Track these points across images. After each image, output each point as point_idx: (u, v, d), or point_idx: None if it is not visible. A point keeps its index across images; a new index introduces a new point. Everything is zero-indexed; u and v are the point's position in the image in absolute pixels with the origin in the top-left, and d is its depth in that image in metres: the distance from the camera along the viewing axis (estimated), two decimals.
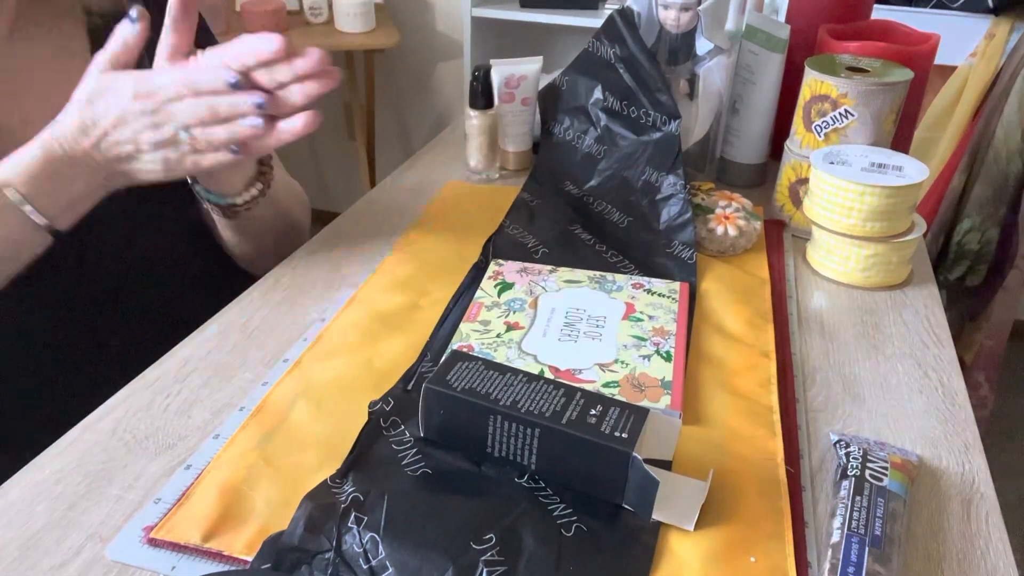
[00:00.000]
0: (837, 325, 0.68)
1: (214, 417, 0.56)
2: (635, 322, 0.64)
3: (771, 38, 0.84)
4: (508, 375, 0.50)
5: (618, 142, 0.87)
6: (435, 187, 0.92)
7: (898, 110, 0.76)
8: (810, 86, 0.77)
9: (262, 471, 0.50)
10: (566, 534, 0.44)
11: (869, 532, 0.44)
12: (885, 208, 0.70)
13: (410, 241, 0.79)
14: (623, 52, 0.85)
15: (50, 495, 0.49)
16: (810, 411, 0.57)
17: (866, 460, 0.49)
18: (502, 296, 0.67)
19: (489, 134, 0.89)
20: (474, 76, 0.86)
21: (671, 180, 0.80)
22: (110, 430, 0.54)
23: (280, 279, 0.73)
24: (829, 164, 0.72)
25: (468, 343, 0.61)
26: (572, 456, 0.46)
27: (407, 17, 2.31)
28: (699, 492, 0.47)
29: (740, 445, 0.53)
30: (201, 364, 0.61)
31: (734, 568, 0.43)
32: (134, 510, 0.48)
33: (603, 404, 0.48)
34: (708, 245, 0.77)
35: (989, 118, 1.59)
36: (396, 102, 2.49)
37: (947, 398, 0.59)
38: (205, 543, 0.45)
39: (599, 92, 0.88)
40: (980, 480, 0.51)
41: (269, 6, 1.91)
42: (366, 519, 0.44)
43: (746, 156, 0.91)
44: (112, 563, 0.44)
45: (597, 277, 0.70)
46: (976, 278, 1.66)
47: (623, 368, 0.58)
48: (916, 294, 0.73)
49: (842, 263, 0.74)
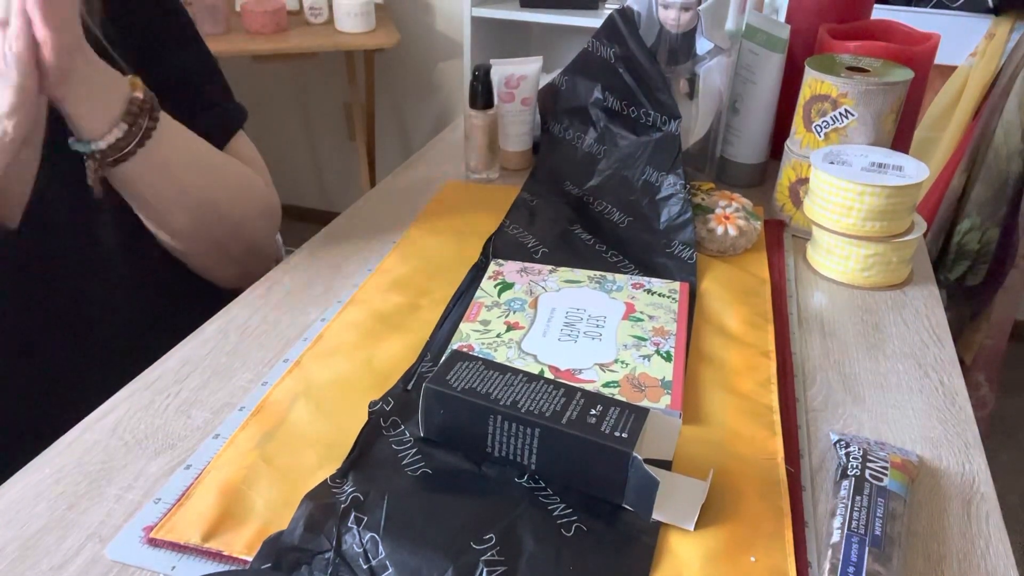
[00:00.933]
0: (837, 325, 0.68)
1: (214, 417, 0.56)
2: (635, 322, 0.64)
3: (771, 38, 0.84)
4: (508, 375, 0.50)
5: (618, 142, 0.87)
6: (435, 187, 0.92)
7: (898, 110, 0.76)
8: (810, 86, 0.77)
9: (262, 471, 0.50)
10: (566, 534, 0.44)
11: (869, 532, 0.44)
12: (885, 208, 0.70)
13: (410, 241, 0.79)
14: (623, 52, 0.85)
15: (50, 495, 0.49)
16: (810, 411, 0.57)
17: (866, 460, 0.49)
18: (502, 296, 0.67)
19: (489, 134, 0.89)
20: (474, 76, 0.86)
21: (671, 180, 0.80)
22: (110, 430, 0.54)
23: (280, 279, 0.73)
24: (829, 164, 0.72)
25: (468, 343, 0.61)
26: (572, 456, 0.46)
27: (407, 17, 2.31)
28: (699, 492, 0.47)
29: (740, 445, 0.53)
30: (201, 364, 0.61)
31: (734, 568, 0.43)
32: (134, 510, 0.48)
33: (603, 404, 0.48)
34: (708, 245, 0.77)
35: (989, 118, 1.59)
36: (396, 102, 2.49)
37: (947, 398, 0.59)
38: (205, 543, 0.45)
39: (599, 92, 0.88)
40: (980, 480, 0.51)
41: (269, 6, 1.91)
42: (366, 519, 0.44)
43: (746, 156, 0.91)
44: (112, 563, 0.44)
45: (597, 277, 0.70)
46: (976, 278, 1.66)
47: (623, 368, 0.58)
48: (916, 294, 0.73)
49: (842, 263, 0.74)
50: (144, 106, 0.63)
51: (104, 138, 0.61)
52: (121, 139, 0.62)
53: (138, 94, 0.62)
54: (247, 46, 1.88)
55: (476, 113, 0.87)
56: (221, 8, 1.89)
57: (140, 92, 0.62)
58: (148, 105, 0.63)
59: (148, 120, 0.63)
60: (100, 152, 0.62)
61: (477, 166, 0.92)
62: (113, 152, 0.62)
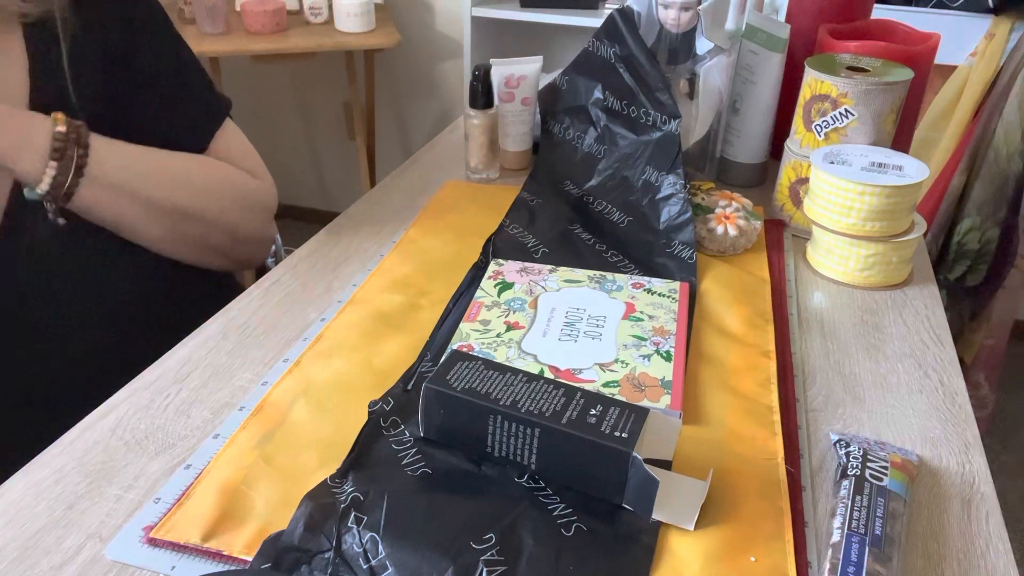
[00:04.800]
0: (837, 325, 0.68)
1: (214, 417, 0.55)
2: (635, 322, 0.64)
3: (771, 38, 0.84)
4: (508, 375, 0.50)
5: (618, 142, 0.87)
6: (435, 187, 0.92)
7: (898, 110, 0.76)
8: (810, 86, 0.77)
9: (262, 471, 0.50)
10: (566, 534, 0.44)
11: (869, 532, 0.44)
12: (885, 208, 0.70)
13: (410, 241, 0.79)
14: (623, 52, 0.85)
15: (50, 495, 0.49)
16: (810, 411, 0.57)
17: (866, 460, 0.49)
18: (502, 296, 0.67)
19: (489, 134, 0.89)
20: (474, 76, 0.86)
21: (671, 180, 0.80)
22: (110, 430, 0.54)
23: (280, 279, 0.73)
24: (829, 164, 0.72)
25: (468, 343, 0.61)
26: (572, 456, 0.46)
27: (407, 17, 2.31)
28: (699, 492, 0.47)
29: (740, 445, 0.53)
30: (201, 364, 0.61)
31: (734, 568, 0.43)
32: (134, 510, 0.48)
33: (603, 404, 0.48)
34: (708, 245, 0.77)
35: (989, 118, 1.59)
36: (396, 102, 2.49)
37: (947, 398, 0.59)
38: (205, 543, 0.45)
39: (599, 92, 0.88)
40: (980, 480, 0.51)
41: (269, 6, 1.91)
42: (366, 519, 0.44)
43: (746, 156, 0.91)
44: (112, 563, 0.44)
45: (597, 277, 0.70)
46: (976, 278, 1.66)
47: (623, 368, 0.58)
48: (916, 294, 0.73)
49: (842, 263, 0.74)
50: (69, 136, 0.62)
51: (43, 179, 0.62)
52: (57, 176, 0.62)
53: (60, 128, 0.62)
54: (247, 46, 1.88)
55: (476, 113, 0.87)
56: (221, 8, 1.89)
57: (63, 125, 0.62)
58: (74, 135, 0.62)
59: (77, 149, 0.63)
60: (47, 193, 0.62)
61: (477, 166, 0.92)
62: (56, 190, 0.63)
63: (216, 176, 0.74)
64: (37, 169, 0.62)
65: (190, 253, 0.75)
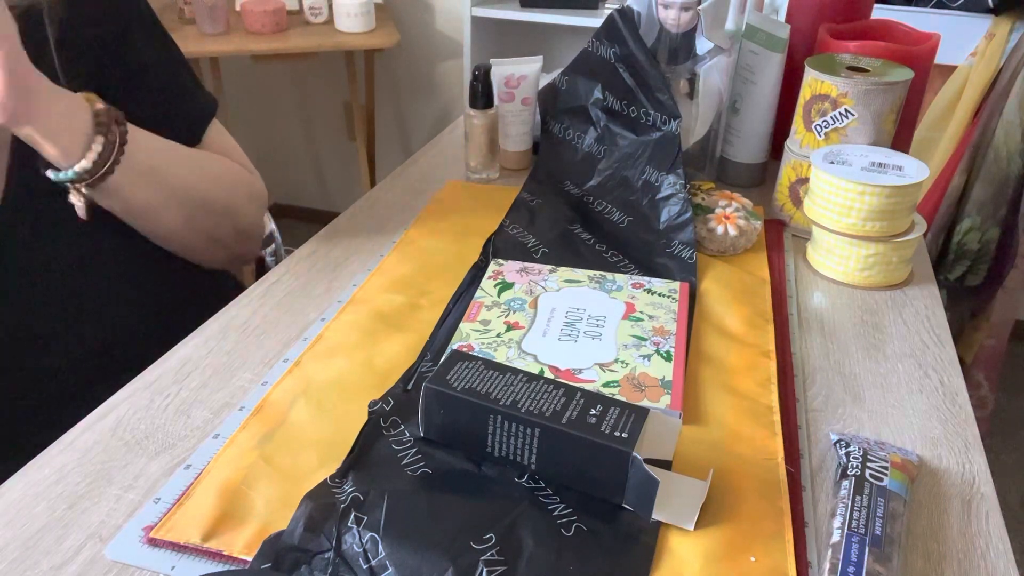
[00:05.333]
0: (837, 325, 0.68)
1: (214, 417, 0.55)
2: (635, 322, 0.64)
3: (771, 38, 0.84)
4: (508, 375, 0.50)
5: (618, 142, 0.87)
6: (435, 187, 0.92)
7: (898, 110, 0.76)
8: (810, 86, 0.77)
9: (262, 471, 0.50)
10: (566, 534, 0.44)
11: (869, 532, 0.44)
12: (885, 208, 0.70)
13: (410, 241, 0.79)
14: (623, 52, 0.85)
15: (50, 495, 0.49)
16: (810, 411, 0.57)
17: (866, 460, 0.49)
18: (502, 296, 0.67)
19: (489, 134, 0.89)
20: (474, 76, 0.86)
21: (671, 180, 0.80)
22: (110, 430, 0.54)
23: (280, 279, 0.73)
24: (829, 164, 0.72)
25: (468, 343, 0.61)
26: (572, 456, 0.46)
27: (407, 17, 2.31)
28: (699, 492, 0.47)
29: (740, 445, 0.53)
30: (201, 364, 0.61)
31: (734, 568, 0.43)
32: (134, 510, 0.48)
33: (603, 404, 0.48)
34: (708, 245, 0.77)
35: (989, 118, 1.59)
36: (396, 102, 2.49)
37: (947, 398, 0.59)
38: (205, 543, 0.45)
39: (599, 92, 0.88)
40: (980, 480, 0.51)
41: (269, 6, 1.91)
42: (366, 519, 0.44)
43: (746, 156, 0.91)
44: (112, 563, 0.44)
45: (597, 277, 0.70)
46: (976, 278, 1.66)
47: (623, 368, 0.58)
48: (916, 294, 0.73)
49: (842, 263, 0.74)
50: (110, 115, 0.62)
51: (86, 156, 0.61)
52: (102, 152, 0.61)
53: (100, 105, 0.62)
54: (247, 46, 1.88)
55: (476, 113, 0.87)
56: (221, 8, 1.89)
57: (100, 103, 0.62)
58: (113, 113, 0.62)
59: (118, 126, 0.63)
60: (86, 172, 0.61)
61: (477, 166, 0.92)
62: (98, 167, 0.62)
63: (224, 167, 0.75)
64: (78, 145, 0.60)
65: (197, 244, 0.75)
